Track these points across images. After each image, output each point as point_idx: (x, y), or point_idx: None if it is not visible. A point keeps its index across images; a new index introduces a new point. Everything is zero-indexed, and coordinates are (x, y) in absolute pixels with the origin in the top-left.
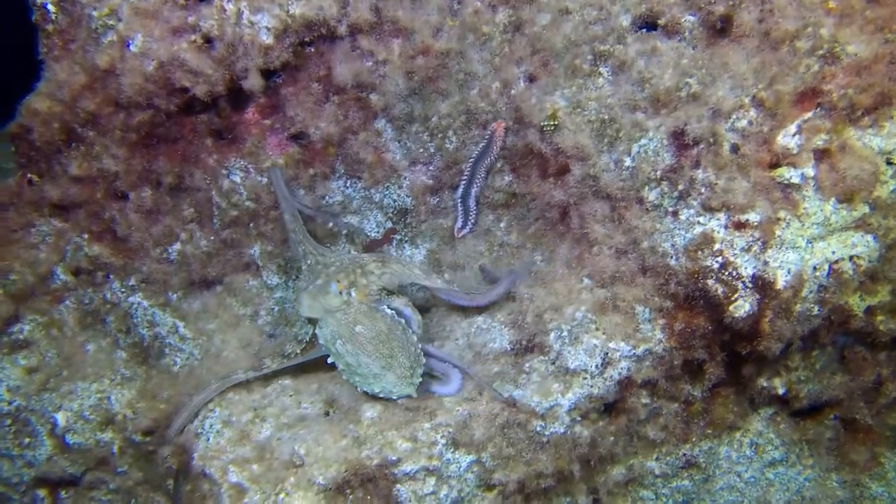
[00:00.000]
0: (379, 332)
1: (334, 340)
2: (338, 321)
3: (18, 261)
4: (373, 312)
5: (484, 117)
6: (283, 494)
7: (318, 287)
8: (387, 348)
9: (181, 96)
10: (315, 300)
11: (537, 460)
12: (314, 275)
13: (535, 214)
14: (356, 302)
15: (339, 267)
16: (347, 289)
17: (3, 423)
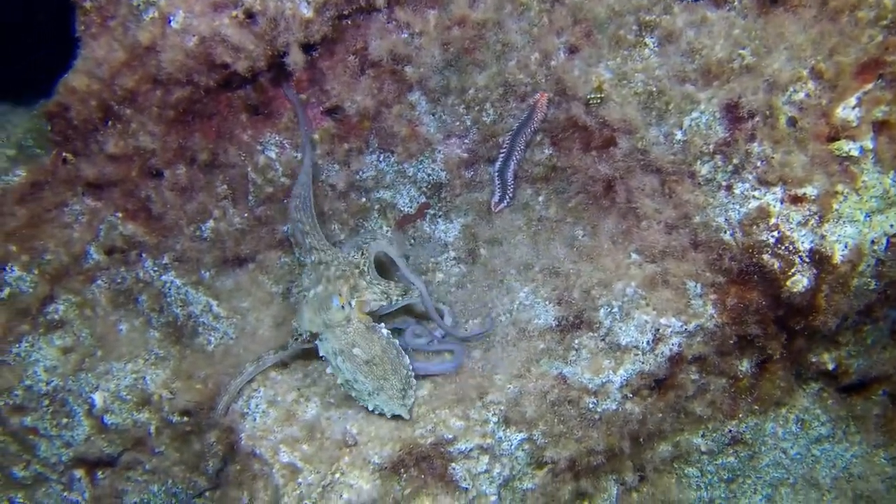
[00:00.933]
0: (374, 355)
1: (335, 356)
2: (338, 339)
3: (53, 240)
4: (370, 334)
5: (522, 89)
6: (338, 474)
7: (319, 299)
8: (380, 370)
9: (221, 72)
10: (317, 315)
11: (588, 437)
12: (316, 276)
13: (577, 188)
14: (356, 320)
15: (337, 267)
16: (349, 300)
17: (41, 404)
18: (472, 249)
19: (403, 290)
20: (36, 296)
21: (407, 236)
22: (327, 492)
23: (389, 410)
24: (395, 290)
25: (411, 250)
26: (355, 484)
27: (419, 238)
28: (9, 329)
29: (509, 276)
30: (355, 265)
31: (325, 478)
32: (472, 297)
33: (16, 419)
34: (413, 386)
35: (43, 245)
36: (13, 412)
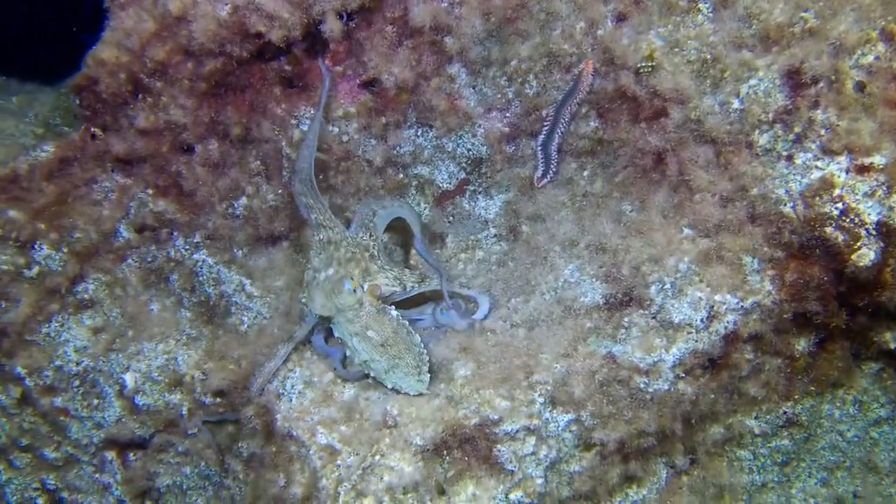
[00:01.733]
0: (387, 337)
1: (351, 337)
2: (351, 323)
3: (82, 218)
4: (381, 317)
5: (567, 60)
6: (378, 455)
7: (331, 282)
8: (395, 350)
9: (254, 42)
10: (329, 300)
11: (639, 418)
12: (325, 256)
13: (624, 162)
14: (367, 304)
15: (347, 249)
16: (360, 283)
17: (71, 384)
18: (513, 226)
19: (420, 278)
20: (65, 275)
21: (446, 213)
22: (367, 474)
23: (408, 388)
24: (410, 276)
25: (450, 228)
26: (396, 466)
27: (458, 215)
28: (38, 308)
29: (553, 253)
30: (364, 247)
31: (364, 459)
32: (515, 275)
33: (46, 400)
34: (426, 362)
35: (72, 223)
36: (44, 393)
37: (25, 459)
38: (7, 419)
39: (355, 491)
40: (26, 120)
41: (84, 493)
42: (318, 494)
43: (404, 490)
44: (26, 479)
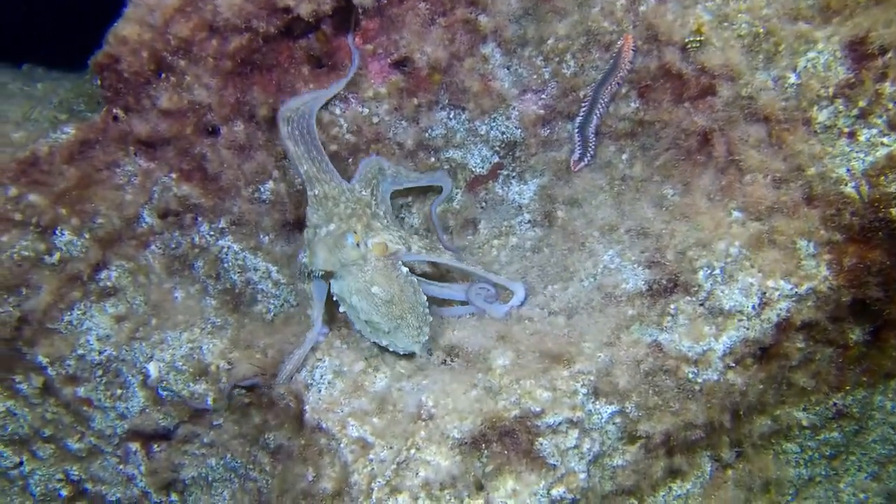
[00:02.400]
0: (392, 295)
1: (350, 295)
2: (355, 278)
3: (104, 203)
4: (389, 272)
5: (607, 38)
6: (414, 449)
7: (333, 237)
8: (398, 310)
9: (282, 17)
10: (331, 254)
11: (687, 410)
12: (324, 213)
13: (666, 144)
14: (373, 259)
15: (346, 205)
16: (364, 239)
17: (94, 374)
18: (548, 212)
19: (429, 245)
20: (87, 261)
21: (478, 199)
22: (402, 469)
23: (404, 347)
24: (417, 241)
25: (482, 213)
26: (433, 460)
27: (491, 201)
28: (60, 296)
29: (591, 239)
30: (365, 203)
31: (399, 454)
32: (551, 262)
33: (69, 390)
34: (428, 323)
35: (94, 208)
36: (66, 382)
37: (49, 450)
38: (29, 409)
39: (389, 487)
40: (50, 106)
41: (108, 485)
42: (350, 490)
43: (441, 486)
44: (50, 469)
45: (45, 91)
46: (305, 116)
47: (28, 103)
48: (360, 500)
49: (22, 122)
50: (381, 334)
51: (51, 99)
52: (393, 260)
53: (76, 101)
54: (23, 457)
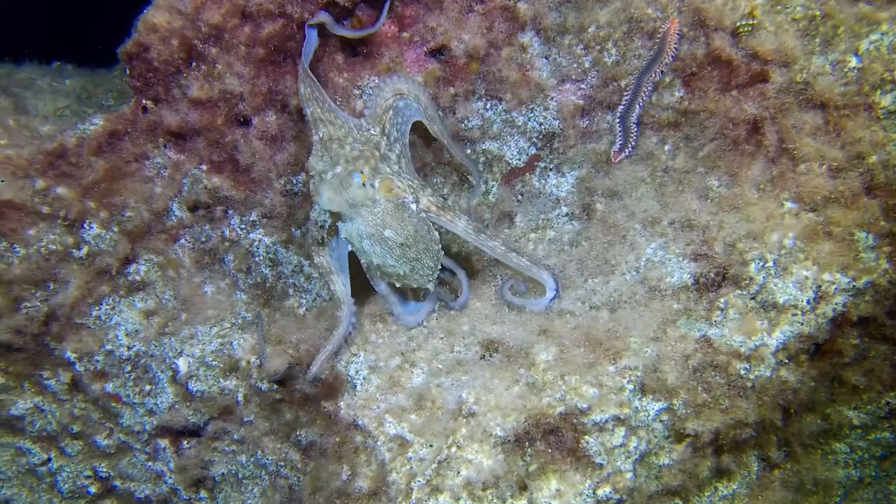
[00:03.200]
0: (407, 236)
1: (361, 239)
2: (365, 221)
3: (133, 195)
4: (400, 213)
5: (651, 25)
6: (455, 447)
7: (339, 178)
8: (414, 252)
9: (317, 2)
10: (337, 194)
11: (737, 408)
12: (330, 155)
13: (711, 134)
14: (382, 199)
15: (353, 146)
16: (371, 179)
17: (123, 370)
18: (587, 204)
19: (440, 203)
20: (116, 255)
21: (514, 192)
22: (443, 468)
23: (417, 284)
24: (430, 195)
25: (519, 206)
26: (475, 459)
27: (528, 193)
28: (88, 290)
29: (633, 232)
30: (374, 144)
31: (440, 452)
32: (591, 255)
33: (97, 385)
34: (440, 260)
35: (123, 200)
36: (94, 378)
37: (77, 446)
38: (58, 405)
39: (430, 486)
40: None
41: (137, 482)
42: (388, 490)
43: (484, 485)
44: (78, 466)
45: (73, 87)
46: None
47: (56, 98)
48: (398, 500)
49: (50, 117)
50: (393, 276)
51: (79, 94)
52: (404, 199)
53: (104, 96)
54: (51, 453)
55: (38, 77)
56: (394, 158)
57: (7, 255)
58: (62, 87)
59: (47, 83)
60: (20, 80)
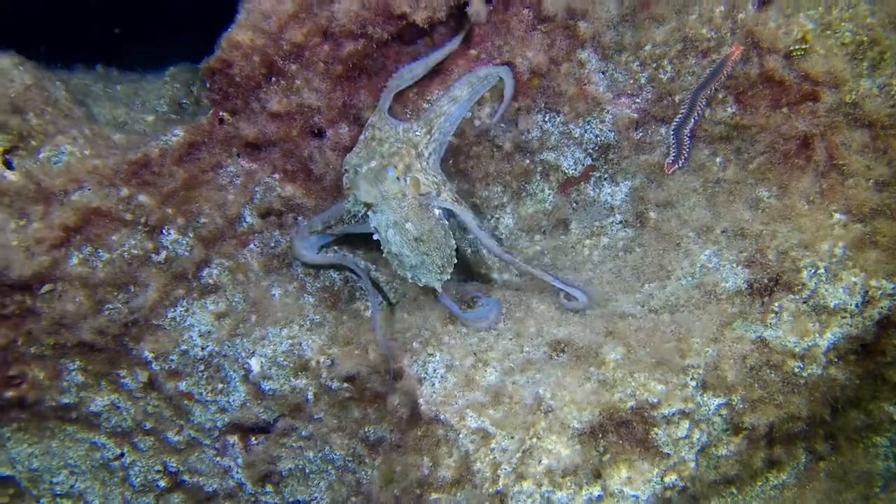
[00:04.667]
0: (423, 232)
1: (387, 228)
2: (394, 211)
3: (208, 203)
4: (423, 211)
5: (705, 44)
6: (535, 439)
7: (375, 172)
8: (426, 247)
9: (396, 24)
10: (373, 186)
11: (790, 403)
12: (367, 151)
13: (762, 148)
14: (411, 196)
15: (392, 144)
16: (404, 174)
17: (196, 369)
18: (640, 212)
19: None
20: (192, 260)
21: (570, 200)
22: (526, 457)
23: (426, 281)
24: (448, 192)
25: (574, 214)
26: (554, 449)
27: (582, 201)
28: (165, 293)
29: (687, 239)
30: (413, 144)
31: (523, 443)
32: (646, 261)
33: (171, 384)
34: (452, 265)
35: (198, 208)
36: (169, 377)
37: (149, 442)
38: (132, 402)
39: (515, 473)
40: (134, 107)
41: (205, 476)
42: (472, 478)
43: (563, 473)
44: (149, 461)
45: (125, 93)
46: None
47: (114, 105)
48: (484, 487)
49: (118, 125)
50: (406, 268)
51: (133, 101)
52: (427, 200)
53: (157, 102)
54: (124, 448)
55: (90, 83)
56: (426, 155)
57: (92, 260)
58: (115, 93)
59: (101, 89)
60: (78, 87)
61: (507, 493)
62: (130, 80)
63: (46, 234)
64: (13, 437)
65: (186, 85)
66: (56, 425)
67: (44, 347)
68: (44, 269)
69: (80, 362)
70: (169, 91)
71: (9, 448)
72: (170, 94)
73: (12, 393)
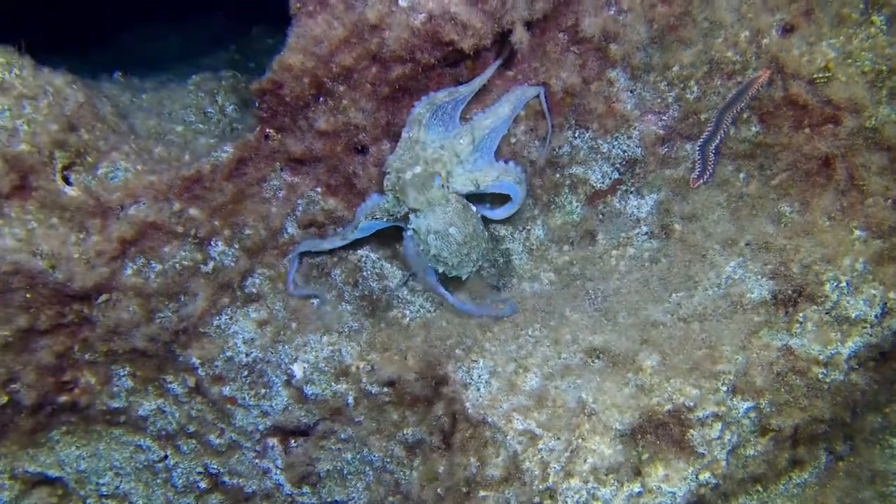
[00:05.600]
0: (466, 234)
1: (428, 233)
2: (437, 218)
3: (253, 215)
4: (466, 213)
5: (730, 67)
6: (580, 439)
7: (422, 179)
8: (467, 248)
9: (443, 50)
10: (421, 194)
11: (815, 406)
12: (410, 154)
13: (784, 165)
14: (454, 200)
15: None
16: (447, 181)
17: (240, 374)
18: (665, 225)
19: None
20: (237, 270)
21: (597, 211)
22: (574, 457)
23: (459, 274)
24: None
25: (600, 225)
26: (598, 449)
27: (609, 213)
28: (212, 302)
29: (712, 251)
30: (456, 152)
31: (569, 444)
32: (673, 272)
33: (216, 389)
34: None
35: (244, 220)
36: (213, 382)
37: (191, 444)
38: (177, 407)
39: (564, 472)
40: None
41: (245, 478)
42: (522, 476)
43: (607, 471)
44: (191, 463)
45: (150, 102)
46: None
47: (145, 116)
48: (534, 484)
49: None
50: (443, 265)
51: (161, 111)
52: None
53: (184, 111)
54: (167, 451)
55: (118, 93)
56: (471, 161)
57: (145, 271)
58: (142, 102)
59: (129, 99)
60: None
61: (557, 490)
62: (152, 89)
63: (105, 246)
64: (62, 439)
65: (211, 94)
66: (103, 428)
67: (97, 354)
68: (102, 281)
69: (129, 368)
70: (194, 100)
71: (58, 450)
72: (195, 104)
73: (65, 398)
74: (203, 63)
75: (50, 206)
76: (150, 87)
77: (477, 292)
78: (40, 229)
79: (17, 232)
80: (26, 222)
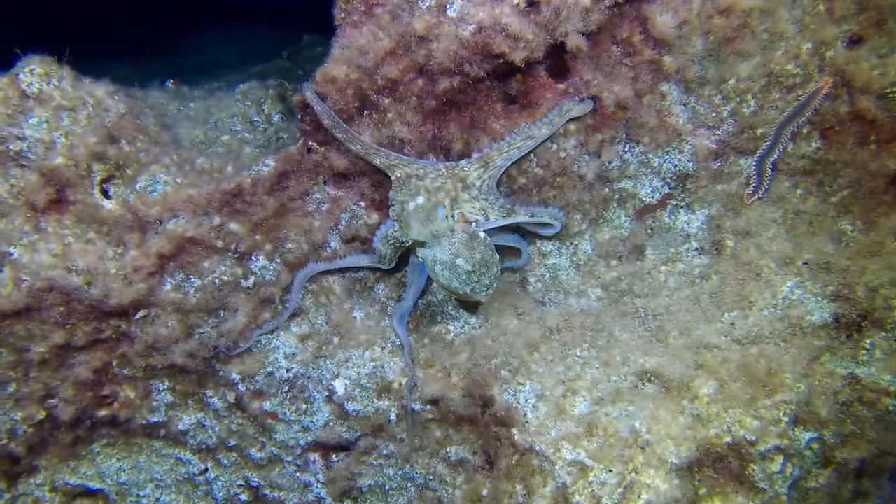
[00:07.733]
0: (474, 263)
1: (434, 264)
2: (442, 248)
3: (295, 229)
4: (472, 242)
5: (790, 80)
6: (634, 473)
7: (425, 211)
8: (476, 276)
9: (493, 62)
10: (424, 226)
11: (884, 440)
12: (409, 188)
13: (846, 182)
14: (459, 231)
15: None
16: (451, 211)
17: (281, 390)
18: (717, 241)
19: (506, 212)
20: (279, 285)
21: (645, 226)
22: (628, 492)
23: (474, 299)
24: (497, 206)
25: (649, 240)
26: (653, 483)
27: (658, 228)
28: (253, 317)
29: (767, 270)
30: (460, 178)
31: (623, 477)
32: (725, 290)
33: (256, 404)
34: (497, 280)
35: (285, 234)
36: (254, 397)
37: (232, 458)
38: (218, 421)
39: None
40: (209, 126)
41: (286, 491)
42: None
43: None
44: (232, 476)
45: (197, 111)
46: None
47: (192, 125)
48: None
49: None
50: (455, 293)
51: (208, 120)
52: (475, 229)
53: (231, 121)
54: (208, 464)
55: (166, 102)
56: (478, 185)
57: (185, 286)
58: (189, 111)
59: (176, 108)
60: (154, 107)
61: None
62: (200, 98)
63: (143, 262)
64: (103, 451)
65: (258, 103)
66: (144, 441)
67: (136, 370)
68: (140, 297)
69: (169, 382)
70: (241, 109)
71: (99, 463)
72: (242, 112)
73: (105, 412)
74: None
75: (87, 221)
76: (198, 95)
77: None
78: (77, 244)
79: (52, 247)
80: (62, 237)
